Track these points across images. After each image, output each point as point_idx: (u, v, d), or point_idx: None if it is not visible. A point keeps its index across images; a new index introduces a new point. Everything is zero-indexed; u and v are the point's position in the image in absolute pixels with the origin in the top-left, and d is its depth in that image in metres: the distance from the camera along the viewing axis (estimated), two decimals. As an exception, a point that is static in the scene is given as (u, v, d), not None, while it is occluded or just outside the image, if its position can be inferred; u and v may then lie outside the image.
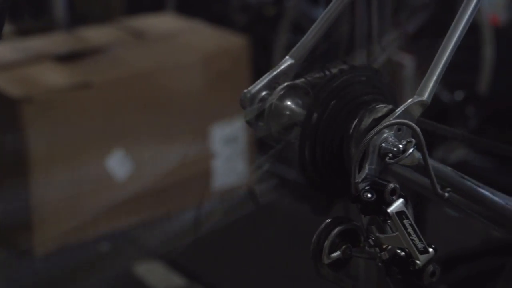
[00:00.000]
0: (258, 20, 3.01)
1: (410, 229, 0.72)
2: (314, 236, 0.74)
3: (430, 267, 0.73)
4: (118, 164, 2.43)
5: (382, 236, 0.72)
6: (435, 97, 0.84)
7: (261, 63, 2.62)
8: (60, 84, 2.35)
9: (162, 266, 2.33)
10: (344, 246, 0.75)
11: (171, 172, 2.41)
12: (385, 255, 0.72)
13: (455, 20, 0.79)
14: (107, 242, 2.43)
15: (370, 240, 0.72)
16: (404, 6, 2.34)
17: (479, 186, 0.84)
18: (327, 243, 0.74)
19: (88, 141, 2.40)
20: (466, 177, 0.82)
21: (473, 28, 2.40)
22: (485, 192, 0.84)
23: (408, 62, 2.20)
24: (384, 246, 0.72)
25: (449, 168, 0.80)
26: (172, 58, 2.57)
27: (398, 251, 0.72)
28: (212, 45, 2.63)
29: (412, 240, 0.72)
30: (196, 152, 2.56)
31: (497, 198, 0.85)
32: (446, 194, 0.78)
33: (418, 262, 0.72)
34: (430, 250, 0.74)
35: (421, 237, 0.73)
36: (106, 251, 2.41)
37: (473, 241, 2.27)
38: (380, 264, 0.72)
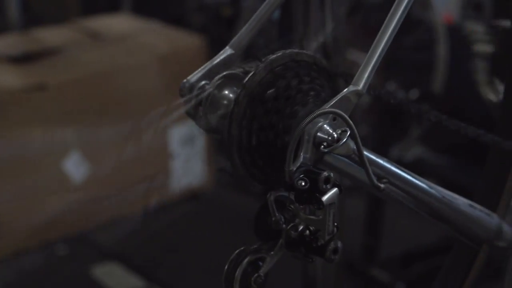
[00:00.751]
0: (214, 21, 3.00)
1: (332, 217, 0.73)
2: (225, 267, 0.76)
3: (332, 244, 0.74)
4: (74, 166, 2.41)
5: (305, 216, 0.73)
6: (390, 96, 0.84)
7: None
8: (14, 86, 2.33)
9: (120, 268, 2.32)
10: (255, 275, 0.76)
11: (128, 173, 2.40)
12: (293, 234, 0.73)
13: (390, 12, 0.80)
14: (64, 245, 2.41)
15: (285, 215, 0.73)
16: (358, 4, 2.36)
17: (416, 178, 0.84)
18: (238, 272, 0.75)
19: (44, 143, 2.37)
20: (402, 168, 0.82)
21: (427, 27, 2.42)
22: (422, 184, 0.84)
23: (363, 60, 2.21)
24: (296, 222, 0.73)
25: (385, 159, 0.80)
26: (128, 58, 2.56)
27: (306, 230, 0.73)
28: (168, 46, 2.63)
29: (329, 225, 0.73)
30: (154, 153, 2.55)
31: (434, 191, 0.85)
32: (382, 186, 0.78)
33: (321, 239, 0.74)
34: (335, 229, 0.75)
35: (335, 222, 0.74)
36: (64, 254, 2.39)
37: (430, 238, 2.29)
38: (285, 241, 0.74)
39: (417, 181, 0.82)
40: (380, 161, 0.79)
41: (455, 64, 2.45)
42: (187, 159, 2.62)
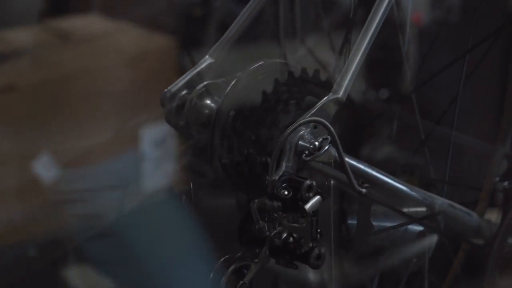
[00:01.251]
0: (185, 21, 3.00)
1: (314, 224, 0.74)
2: (210, 275, 0.76)
3: (316, 251, 0.76)
4: (45, 168, 2.39)
5: (289, 224, 0.74)
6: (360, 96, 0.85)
7: (189, 64, 2.61)
8: (-17, 87, 2.31)
9: (92, 270, 2.31)
10: (241, 283, 0.77)
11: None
12: (277, 241, 0.74)
13: (368, 19, 0.81)
14: (35, 246, 2.39)
15: (269, 223, 0.74)
16: (330, 5, 2.36)
17: (396, 182, 0.85)
18: (223, 280, 0.76)
19: (14, 144, 2.36)
20: (383, 172, 0.84)
21: (396, 27, 2.44)
22: (403, 187, 0.86)
23: (334, 61, 2.22)
24: (279, 230, 0.74)
25: (366, 164, 0.82)
26: (98, 60, 2.55)
27: (290, 237, 0.74)
28: (139, 46, 2.62)
29: (312, 232, 0.74)
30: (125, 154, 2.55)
31: (415, 193, 0.87)
32: (364, 190, 0.80)
33: (305, 246, 0.75)
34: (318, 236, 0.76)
35: (318, 228, 0.75)
36: (34, 256, 2.37)
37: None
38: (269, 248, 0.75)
39: (397, 184, 0.84)
40: (361, 167, 0.81)
41: (424, 63, 2.47)
42: (158, 161, 2.62)
